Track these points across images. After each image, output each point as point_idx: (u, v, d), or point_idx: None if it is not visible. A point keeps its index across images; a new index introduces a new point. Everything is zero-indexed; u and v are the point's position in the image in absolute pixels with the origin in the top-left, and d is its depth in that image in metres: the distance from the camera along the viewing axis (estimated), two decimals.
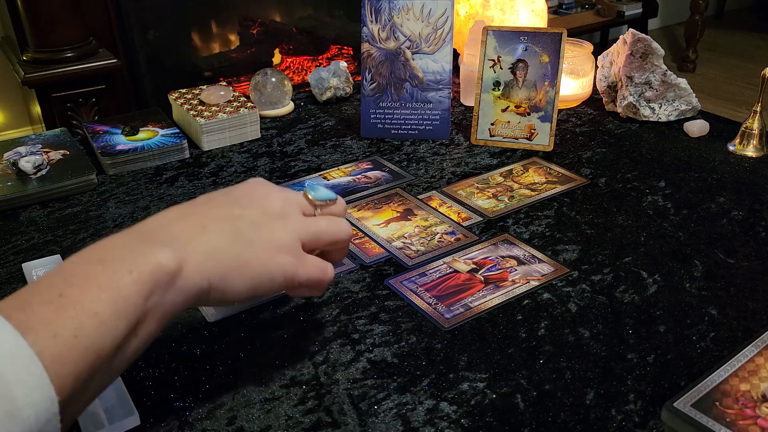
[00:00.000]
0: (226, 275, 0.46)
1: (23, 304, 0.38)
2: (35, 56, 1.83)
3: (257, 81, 1.04)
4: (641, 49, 0.95)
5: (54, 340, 0.36)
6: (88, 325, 0.38)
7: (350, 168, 0.88)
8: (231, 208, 0.49)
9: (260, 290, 0.48)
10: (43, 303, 0.38)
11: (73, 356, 0.37)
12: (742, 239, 0.70)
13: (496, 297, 0.62)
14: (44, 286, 0.39)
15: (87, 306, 0.38)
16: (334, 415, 0.49)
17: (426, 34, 0.91)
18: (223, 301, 0.47)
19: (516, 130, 0.91)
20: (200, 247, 0.45)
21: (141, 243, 0.43)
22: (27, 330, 0.36)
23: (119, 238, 0.44)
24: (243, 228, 0.48)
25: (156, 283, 0.42)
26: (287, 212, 0.51)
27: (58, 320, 0.37)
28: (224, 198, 0.50)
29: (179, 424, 0.49)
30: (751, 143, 0.88)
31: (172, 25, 2.24)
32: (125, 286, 0.40)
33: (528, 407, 0.50)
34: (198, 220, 0.47)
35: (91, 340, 0.38)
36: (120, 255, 0.42)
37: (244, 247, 0.47)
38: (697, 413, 0.45)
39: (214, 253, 0.46)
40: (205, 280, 0.45)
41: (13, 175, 0.82)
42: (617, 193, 0.79)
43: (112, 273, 0.40)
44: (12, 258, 0.69)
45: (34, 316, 0.37)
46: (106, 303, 0.39)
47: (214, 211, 0.48)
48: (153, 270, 0.42)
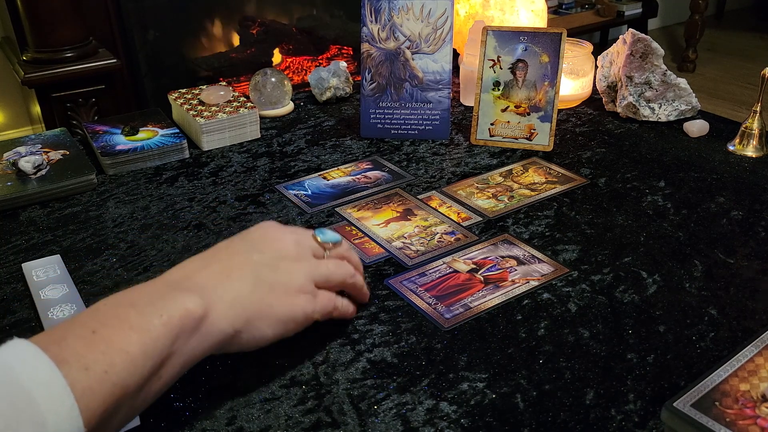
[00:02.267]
0: (250, 320, 0.49)
1: (59, 338, 0.40)
2: (35, 56, 1.83)
3: (257, 81, 1.04)
4: (641, 49, 0.95)
5: (86, 373, 0.39)
6: (118, 362, 0.40)
7: (350, 168, 0.88)
8: (250, 255, 0.52)
9: (286, 332, 0.52)
10: (77, 338, 0.41)
11: (102, 390, 0.39)
12: (742, 239, 0.70)
13: (496, 297, 0.62)
14: (78, 324, 0.42)
15: (118, 344, 0.41)
16: (334, 415, 0.49)
17: (426, 34, 0.91)
18: (250, 345, 0.50)
19: (516, 130, 0.91)
20: (225, 295, 0.48)
21: (170, 290, 0.47)
22: (61, 362, 0.38)
23: (149, 286, 0.47)
24: (262, 273, 0.51)
25: (183, 327, 0.44)
26: (301, 255, 0.54)
27: (91, 355, 0.40)
28: (242, 244, 0.53)
29: (179, 424, 0.49)
30: (751, 143, 0.88)
31: (172, 25, 2.24)
32: (155, 328, 0.43)
33: (528, 407, 0.50)
34: (221, 269, 0.50)
35: (120, 377, 0.40)
36: (150, 300, 0.45)
37: (266, 291, 0.50)
38: (697, 413, 0.45)
39: (238, 300, 0.49)
40: (230, 326, 0.48)
41: (13, 175, 0.82)
42: (617, 193, 0.79)
43: (142, 315, 0.43)
44: (12, 258, 0.69)
45: (68, 350, 0.40)
46: (137, 343, 0.42)
47: (235, 259, 0.51)
48: (181, 315, 0.45)
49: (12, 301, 0.63)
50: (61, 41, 1.83)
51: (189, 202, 0.80)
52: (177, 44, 2.30)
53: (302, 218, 0.76)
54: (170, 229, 0.74)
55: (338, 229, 0.73)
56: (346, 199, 0.80)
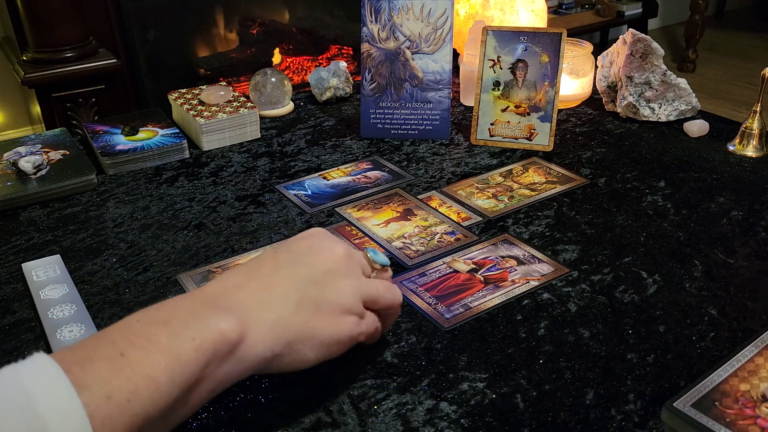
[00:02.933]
0: (292, 343, 0.46)
1: (83, 359, 0.38)
2: (35, 56, 1.83)
3: (257, 81, 1.04)
4: (641, 49, 0.95)
5: (107, 401, 0.36)
6: (143, 390, 0.38)
7: (350, 168, 0.88)
8: (296, 269, 0.48)
9: (329, 355, 0.48)
10: (103, 360, 0.38)
11: (122, 420, 0.37)
12: (742, 239, 0.70)
13: (496, 297, 0.62)
14: (107, 342, 0.39)
15: (145, 370, 0.38)
16: (334, 415, 0.49)
17: (426, 34, 0.91)
18: (294, 368, 0.47)
19: (516, 130, 0.91)
20: (264, 317, 0.45)
21: (205, 308, 0.43)
22: (82, 387, 0.36)
23: (185, 301, 0.44)
24: (308, 291, 0.47)
25: (216, 352, 0.41)
26: (351, 270, 0.50)
27: (114, 381, 0.37)
28: (288, 256, 0.49)
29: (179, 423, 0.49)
30: (751, 143, 0.88)
31: (172, 25, 2.24)
32: (185, 353, 0.40)
33: (528, 407, 0.50)
34: (263, 286, 0.47)
35: (142, 405, 0.38)
36: (184, 319, 0.42)
37: (311, 313, 0.47)
38: (697, 413, 0.45)
39: (278, 323, 0.45)
40: (269, 350, 0.45)
41: (13, 175, 0.82)
42: (617, 193, 0.79)
43: (174, 337, 0.41)
44: (12, 258, 0.69)
45: (92, 373, 0.37)
46: (165, 369, 0.39)
47: (279, 273, 0.48)
48: (215, 339, 0.41)
49: (12, 301, 0.63)
50: (61, 41, 1.83)
51: (189, 202, 0.80)
52: (177, 44, 2.30)
53: (302, 218, 0.76)
54: (170, 229, 0.74)
55: (338, 229, 0.73)
56: (346, 199, 0.80)
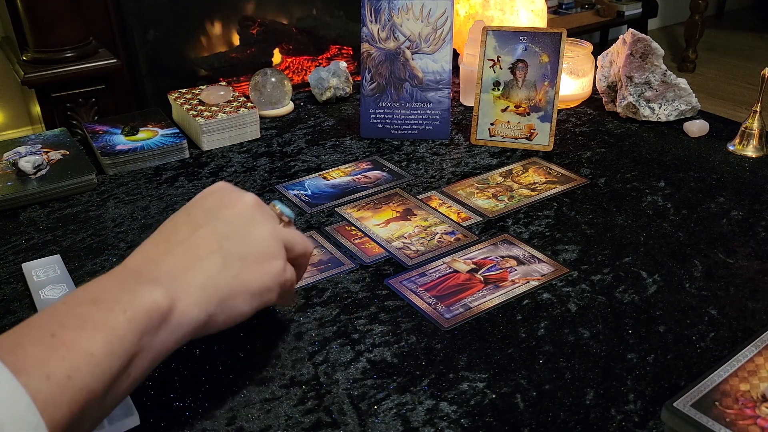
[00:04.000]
0: (225, 300, 0.46)
1: (14, 345, 0.37)
2: (35, 56, 1.83)
3: (257, 81, 1.04)
4: (641, 49, 0.95)
5: (47, 382, 0.36)
6: (82, 366, 0.37)
7: (350, 168, 0.88)
8: (214, 225, 0.48)
9: (263, 303, 0.49)
10: (35, 344, 0.37)
11: (66, 398, 0.36)
12: (742, 239, 0.70)
13: (496, 297, 0.62)
14: (35, 327, 0.38)
15: (81, 346, 0.38)
16: (334, 415, 0.49)
17: (426, 34, 0.91)
18: (231, 324, 0.47)
19: (516, 130, 0.91)
20: (194, 280, 0.45)
21: (132, 282, 0.43)
22: (20, 372, 0.35)
23: (111, 278, 0.44)
24: (231, 246, 0.47)
25: (149, 321, 0.41)
26: (266, 216, 0.50)
27: (51, 361, 0.36)
28: (202, 215, 0.49)
29: (179, 424, 0.49)
30: (751, 143, 0.88)
31: (172, 25, 2.24)
32: (120, 326, 0.40)
33: (528, 407, 0.50)
34: (186, 250, 0.46)
35: (84, 381, 0.37)
36: (113, 295, 0.42)
37: (237, 266, 0.47)
38: (697, 413, 0.45)
39: (209, 282, 0.45)
40: (203, 312, 0.45)
41: (13, 175, 0.82)
42: (617, 193, 0.79)
43: (106, 312, 0.40)
44: (12, 258, 0.69)
45: (25, 358, 0.36)
46: (101, 343, 0.39)
47: (199, 233, 0.47)
48: (148, 309, 0.41)
49: (12, 301, 0.63)
50: (61, 41, 1.83)
51: None
52: (177, 44, 2.30)
53: (302, 218, 0.76)
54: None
55: (338, 229, 0.73)
56: (346, 199, 0.80)
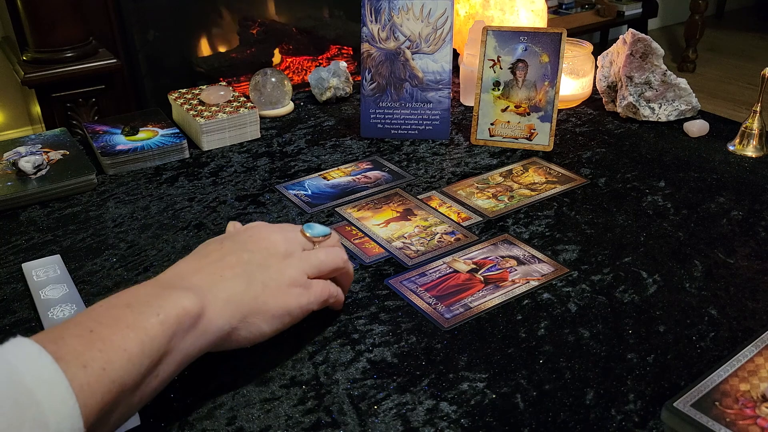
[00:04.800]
0: (246, 317, 0.50)
1: (56, 337, 0.40)
2: (35, 56, 1.83)
3: (257, 81, 1.04)
4: (641, 49, 0.95)
5: (84, 370, 0.39)
6: (116, 360, 0.41)
7: (350, 168, 0.88)
8: (241, 254, 0.53)
9: (282, 326, 0.53)
10: (74, 337, 0.41)
11: (100, 388, 0.39)
12: (742, 239, 0.70)
13: (496, 297, 0.62)
14: (74, 324, 0.42)
15: (116, 342, 0.42)
16: (334, 415, 0.49)
17: (426, 34, 0.91)
18: (247, 342, 0.51)
19: (516, 130, 0.91)
20: (220, 294, 0.49)
21: (165, 289, 0.47)
22: (59, 359, 0.38)
23: (144, 288, 0.47)
24: (255, 272, 0.52)
25: (180, 325, 0.45)
26: (291, 251, 0.55)
27: (88, 353, 0.40)
28: (233, 245, 0.54)
29: (179, 424, 0.49)
30: (751, 143, 0.88)
31: (172, 25, 2.24)
32: (152, 327, 0.44)
33: (528, 407, 0.50)
34: (214, 270, 0.51)
35: (117, 374, 0.41)
36: (146, 300, 0.45)
37: (260, 289, 0.51)
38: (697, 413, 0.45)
39: (233, 299, 0.50)
40: (227, 323, 0.49)
41: (13, 175, 0.82)
42: (617, 193, 0.79)
43: (139, 314, 0.44)
44: (12, 258, 0.69)
45: (65, 347, 0.40)
46: (134, 341, 0.42)
47: (227, 259, 0.52)
48: (178, 313, 0.45)
49: (12, 301, 0.63)
50: (61, 41, 1.83)
51: (189, 202, 0.80)
52: (177, 44, 2.30)
53: (302, 218, 0.76)
54: (170, 229, 0.74)
55: (338, 229, 0.73)
56: (346, 199, 0.80)
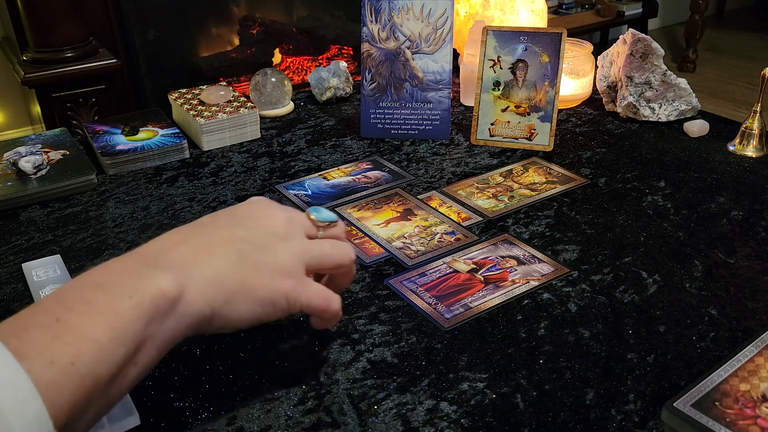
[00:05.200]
0: (229, 300, 0.45)
1: (19, 329, 0.37)
2: (35, 56, 1.83)
3: (257, 81, 1.04)
4: (641, 49, 0.95)
5: (50, 367, 0.35)
6: (85, 352, 0.37)
7: (350, 168, 0.88)
8: (235, 229, 0.48)
9: (263, 316, 0.47)
10: (39, 328, 0.37)
11: (69, 384, 0.36)
12: (742, 239, 0.70)
13: (496, 297, 0.62)
14: (41, 311, 0.38)
15: (85, 331, 0.38)
16: (334, 415, 0.49)
17: (426, 34, 0.91)
18: (227, 327, 0.47)
19: (516, 130, 0.91)
20: (203, 272, 0.44)
21: (142, 267, 0.43)
22: (23, 357, 0.35)
23: (119, 263, 0.43)
24: (247, 250, 0.47)
25: (156, 308, 0.41)
26: (291, 233, 0.50)
27: (55, 346, 0.36)
28: (228, 219, 0.49)
29: (179, 424, 0.49)
30: (751, 143, 0.88)
31: (172, 25, 2.24)
32: (125, 312, 0.39)
33: (528, 407, 0.50)
34: (201, 244, 0.46)
35: (88, 368, 0.37)
36: (120, 279, 0.41)
37: (249, 270, 0.46)
38: (697, 413, 0.45)
39: (217, 278, 0.45)
40: (208, 306, 0.44)
41: (13, 175, 0.82)
42: (617, 193, 0.79)
43: (111, 298, 0.40)
44: (12, 258, 0.69)
45: (29, 342, 0.36)
46: (105, 328, 0.38)
47: (219, 233, 0.47)
48: (154, 295, 0.41)
49: (12, 301, 0.63)
50: (61, 41, 1.83)
51: (189, 202, 0.80)
52: (177, 44, 2.31)
53: None
54: (170, 229, 0.74)
55: None
56: (346, 199, 0.80)
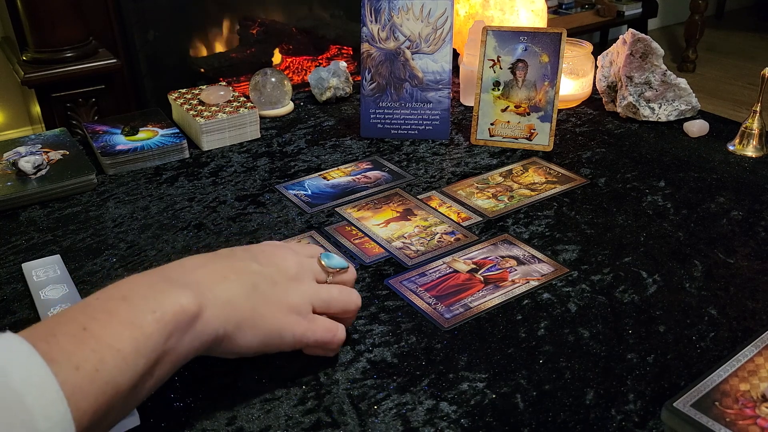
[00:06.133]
0: (240, 325, 0.48)
1: (47, 335, 0.39)
2: (35, 56, 1.83)
3: (257, 81, 1.04)
4: (641, 49, 0.95)
5: (76, 372, 0.37)
6: (109, 360, 0.39)
7: (350, 168, 0.88)
8: (250, 263, 0.51)
9: (269, 346, 0.50)
10: (66, 335, 0.39)
11: (93, 390, 0.38)
12: (742, 239, 0.70)
13: (496, 297, 0.62)
14: (68, 320, 0.40)
15: (109, 341, 0.39)
16: (334, 415, 0.49)
17: (426, 34, 0.91)
18: (233, 352, 0.49)
19: (516, 130, 0.91)
20: (220, 294, 0.47)
21: (164, 283, 0.45)
22: (51, 361, 0.37)
23: (143, 278, 0.45)
24: (260, 283, 0.50)
25: (177, 324, 0.43)
26: (301, 276, 0.53)
27: (81, 353, 0.38)
28: (244, 253, 0.52)
29: (179, 424, 0.49)
30: (751, 143, 0.88)
31: (172, 25, 2.24)
32: (148, 325, 0.41)
33: (528, 407, 0.50)
34: (219, 269, 0.49)
35: (111, 375, 0.39)
36: (144, 294, 0.43)
37: (260, 301, 0.49)
38: (697, 413, 0.45)
39: (232, 301, 0.48)
40: (222, 326, 0.47)
41: (13, 175, 0.82)
42: (617, 193, 0.79)
43: (135, 311, 0.42)
44: (12, 258, 0.69)
45: (57, 347, 0.38)
46: (128, 340, 0.40)
47: (235, 264, 0.50)
48: (176, 311, 0.43)
49: (12, 301, 0.63)
50: (61, 41, 1.83)
51: (189, 202, 0.80)
52: (177, 44, 2.31)
53: (302, 218, 0.76)
54: (170, 229, 0.74)
55: (338, 229, 0.73)
56: (346, 199, 0.80)
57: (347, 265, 0.56)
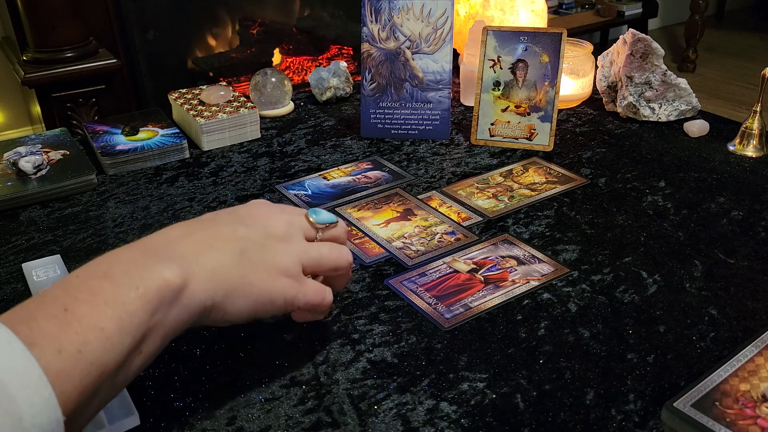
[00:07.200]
0: (229, 294, 0.46)
1: (27, 318, 0.37)
2: (35, 56, 1.83)
3: (257, 81, 1.04)
4: (641, 49, 0.95)
5: (59, 355, 0.36)
6: (93, 341, 0.38)
7: (350, 168, 0.88)
8: (236, 228, 0.49)
9: (260, 312, 0.49)
10: (47, 317, 0.38)
11: (77, 372, 0.37)
12: (742, 239, 0.70)
13: (496, 297, 0.62)
14: (49, 300, 0.39)
15: (92, 321, 0.38)
16: (334, 415, 0.49)
17: (426, 34, 0.91)
18: (224, 321, 0.47)
19: (516, 130, 0.91)
20: (206, 265, 0.45)
21: (147, 258, 0.43)
22: (32, 345, 0.36)
23: (124, 253, 0.44)
24: (247, 248, 0.48)
25: (161, 299, 0.42)
26: (290, 235, 0.51)
27: (63, 335, 0.37)
28: (229, 217, 0.50)
29: (179, 424, 0.49)
30: (751, 143, 0.88)
31: (172, 25, 2.24)
32: (131, 302, 0.40)
33: (528, 407, 0.50)
34: (204, 238, 0.47)
35: (95, 356, 0.38)
36: (126, 270, 0.42)
37: (249, 267, 0.47)
38: (697, 413, 0.45)
39: (219, 271, 0.46)
40: (209, 297, 0.45)
41: (13, 175, 0.82)
42: (617, 193, 0.79)
43: (117, 288, 0.40)
44: (12, 258, 0.69)
45: (38, 331, 0.37)
46: (112, 318, 0.39)
47: (220, 230, 0.48)
48: (159, 286, 0.42)
49: (12, 302, 0.63)
50: (61, 41, 1.83)
51: (189, 202, 0.80)
52: (177, 44, 2.30)
53: None
54: None
55: None
56: (346, 199, 0.80)
57: (336, 219, 0.54)
